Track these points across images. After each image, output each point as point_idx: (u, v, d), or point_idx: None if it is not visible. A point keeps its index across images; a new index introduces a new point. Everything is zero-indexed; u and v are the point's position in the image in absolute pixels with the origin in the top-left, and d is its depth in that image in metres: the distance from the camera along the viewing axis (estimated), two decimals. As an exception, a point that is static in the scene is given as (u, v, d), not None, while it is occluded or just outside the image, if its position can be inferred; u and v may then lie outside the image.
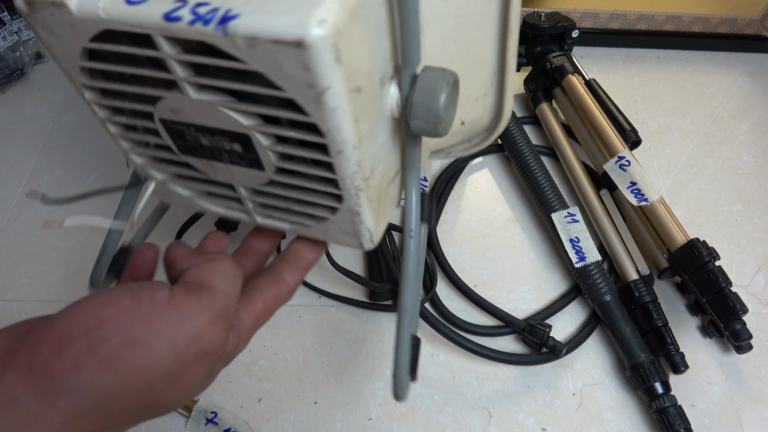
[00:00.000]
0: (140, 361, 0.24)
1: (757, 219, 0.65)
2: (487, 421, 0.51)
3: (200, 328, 0.25)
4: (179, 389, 0.26)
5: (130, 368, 0.24)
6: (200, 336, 0.25)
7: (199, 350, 0.25)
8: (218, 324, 0.26)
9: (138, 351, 0.24)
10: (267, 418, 0.51)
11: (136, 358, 0.24)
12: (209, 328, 0.26)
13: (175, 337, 0.25)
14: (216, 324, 0.26)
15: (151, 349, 0.24)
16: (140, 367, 0.24)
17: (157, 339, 0.24)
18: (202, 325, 0.25)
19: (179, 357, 0.25)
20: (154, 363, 0.24)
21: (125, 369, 0.23)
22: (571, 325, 0.57)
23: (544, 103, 0.70)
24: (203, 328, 0.25)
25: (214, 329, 0.26)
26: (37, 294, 0.57)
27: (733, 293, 0.51)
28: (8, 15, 0.76)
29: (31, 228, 0.62)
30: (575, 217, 0.58)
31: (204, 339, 0.26)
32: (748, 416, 0.52)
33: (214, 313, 0.26)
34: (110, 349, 0.23)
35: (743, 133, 0.74)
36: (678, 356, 0.51)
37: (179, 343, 0.25)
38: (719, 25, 0.81)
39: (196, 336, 0.25)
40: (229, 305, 0.28)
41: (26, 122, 0.72)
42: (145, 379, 0.24)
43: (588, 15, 0.80)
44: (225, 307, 0.27)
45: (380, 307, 0.56)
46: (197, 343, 0.25)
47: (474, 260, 0.61)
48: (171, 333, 0.24)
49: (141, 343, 0.24)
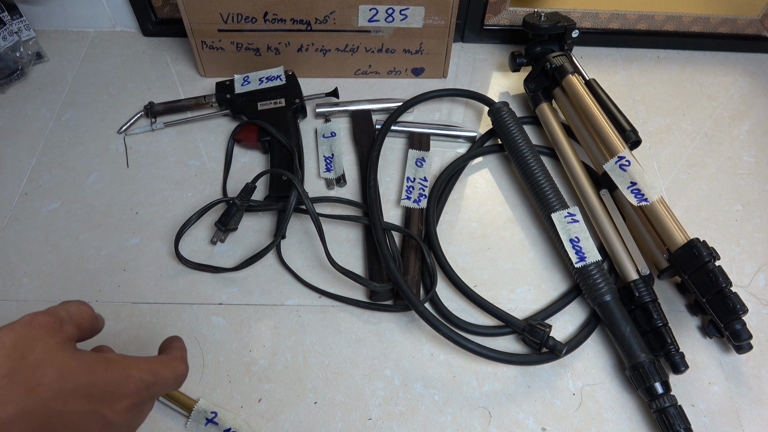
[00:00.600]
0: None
1: (757, 219, 0.65)
2: (487, 421, 0.51)
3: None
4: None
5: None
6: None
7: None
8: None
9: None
10: (267, 418, 0.51)
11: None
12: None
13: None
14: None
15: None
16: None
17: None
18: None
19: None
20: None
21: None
22: (571, 325, 0.57)
23: (544, 103, 0.70)
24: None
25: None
26: (37, 294, 0.57)
27: (733, 293, 0.51)
28: (8, 15, 0.76)
29: (31, 228, 0.62)
30: (575, 217, 0.58)
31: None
32: (748, 416, 0.52)
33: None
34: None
35: (743, 133, 0.74)
36: (678, 356, 0.51)
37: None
38: (719, 25, 0.81)
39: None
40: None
41: (26, 122, 0.72)
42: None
43: (588, 15, 0.80)
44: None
45: (380, 307, 0.56)
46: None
47: (474, 260, 0.61)
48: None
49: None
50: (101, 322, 0.34)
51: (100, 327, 0.34)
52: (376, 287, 0.54)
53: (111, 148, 0.69)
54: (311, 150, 0.70)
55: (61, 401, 0.27)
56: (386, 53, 0.75)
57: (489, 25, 0.81)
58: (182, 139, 0.70)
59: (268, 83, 0.70)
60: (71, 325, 0.31)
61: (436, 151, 0.70)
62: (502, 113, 0.66)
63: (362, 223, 0.62)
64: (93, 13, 0.81)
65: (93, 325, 0.33)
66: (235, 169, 0.68)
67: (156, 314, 0.56)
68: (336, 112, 0.73)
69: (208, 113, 0.72)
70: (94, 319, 0.33)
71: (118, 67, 0.79)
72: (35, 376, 0.27)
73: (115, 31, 0.83)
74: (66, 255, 0.60)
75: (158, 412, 0.51)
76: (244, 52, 0.74)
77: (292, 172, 0.63)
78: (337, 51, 0.74)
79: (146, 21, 0.81)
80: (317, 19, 0.70)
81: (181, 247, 0.60)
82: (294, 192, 0.59)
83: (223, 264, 0.59)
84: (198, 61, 0.76)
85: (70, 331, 0.30)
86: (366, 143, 0.69)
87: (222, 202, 0.62)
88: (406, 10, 0.69)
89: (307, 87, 0.75)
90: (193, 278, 0.59)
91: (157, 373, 0.33)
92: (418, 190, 0.64)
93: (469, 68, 0.80)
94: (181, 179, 0.66)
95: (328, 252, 0.56)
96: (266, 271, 0.59)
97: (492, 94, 0.77)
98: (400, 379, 0.53)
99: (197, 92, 0.75)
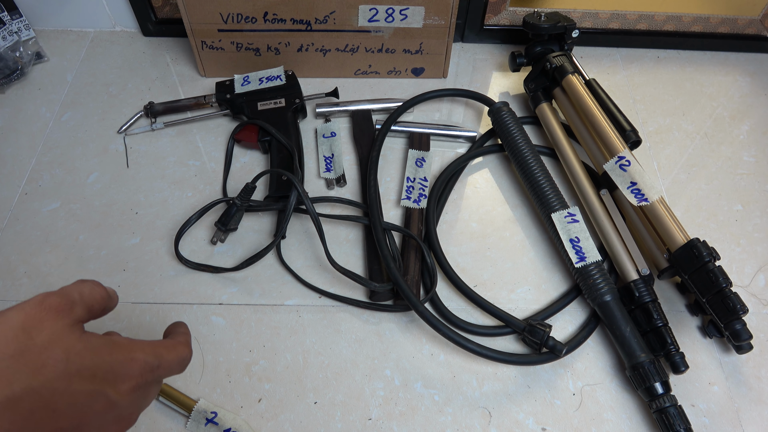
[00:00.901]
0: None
1: (757, 219, 0.65)
2: (487, 421, 0.51)
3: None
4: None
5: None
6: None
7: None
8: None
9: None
10: (267, 418, 0.51)
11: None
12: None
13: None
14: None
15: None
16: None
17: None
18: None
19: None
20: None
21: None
22: (571, 325, 0.57)
23: (544, 103, 0.70)
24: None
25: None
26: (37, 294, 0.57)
27: (733, 293, 0.51)
28: (8, 15, 0.76)
29: (31, 228, 0.62)
30: (575, 217, 0.58)
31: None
32: (748, 416, 0.52)
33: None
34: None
35: (743, 133, 0.74)
36: (678, 356, 0.51)
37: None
38: (719, 25, 0.81)
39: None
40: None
41: (26, 122, 0.72)
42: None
43: (588, 15, 0.80)
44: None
45: (380, 307, 0.56)
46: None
47: (474, 260, 0.61)
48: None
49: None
50: (114, 301, 0.35)
51: (112, 306, 0.35)
52: (376, 287, 0.54)
53: (111, 148, 0.69)
54: (311, 150, 0.70)
55: (65, 381, 0.28)
56: (386, 53, 0.75)
57: (489, 25, 0.81)
58: (182, 139, 0.70)
59: (268, 83, 0.70)
60: (82, 306, 0.31)
61: (436, 151, 0.70)
62: (502, 113, 0.66)
63: (362, 223, 0.62)
64: (93, 13, 0.81)
65: (105, 305, 0.34)
66: (235, 169, 0.68)
67: (156, 314, 0.56)
68: (336, 112, 0.73)
69: (208, 113, 0.72)
70: (106, 299, 0.34)
71: (118, 67, 0.79)
72: (42, 357, 0.28)
73: (115, 31, 0.83)
74: (66, 255, 0.60)
75: (158, 413, 0.51)
76: (244, 52, 0.74)
77: (292, 172, 0.63)
78: (337, 51, 0.74)
79: (146, 21, 0.81)
80: (317, 19, 0.70)
81: (181, 247, 0.60)
82: (294, 192, 0.59)
83: (223, 264, 0.59)
84: (198, 61, 0.76)
85: (79, 313, 0.31)
86: (366, 143, 0.69)
87: (222, 202, 0.62)
88: (406, 10, 0.69)
89: (307, 87, 0.75)
90: (193, 278, 0.59)
91: (161, 356, 0.33)
92: (418, 190, 0.64)
93: (469, 68, 0.80)
94: (181, 179, 0.66)
95: (328, 252, 0.56)
96: (266, 271, 0.59)
97: (492, 94, 0.77)
98: (400, 379, 0.53)
99: (197, 92, 0.75)
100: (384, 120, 0.70)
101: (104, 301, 0.33)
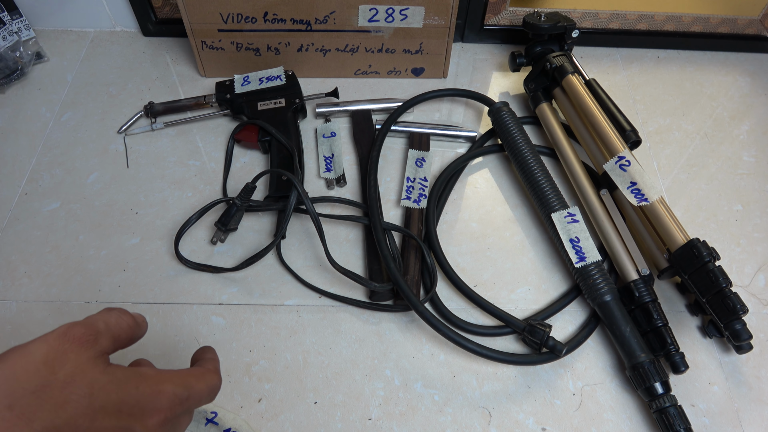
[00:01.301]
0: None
1: (757, 219, 0.65)
2: (487, 421, 0.51)
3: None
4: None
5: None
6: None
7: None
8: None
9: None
10: (267, 418, 0.51)
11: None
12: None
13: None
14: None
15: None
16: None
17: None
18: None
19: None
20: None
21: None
22: (571, 325, 0.57)
23: (544, 103, 0.70)
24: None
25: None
26: (37, 294, 0.57)
27: (733, 293, 0.50)
28: (8, 15, 0.76)
29: (31, 228, 0.62)
30: (575, 217, 0.58)
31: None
32: (748, 416, 0.52)
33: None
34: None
35: (743, 133, 0.74)
36: (678, 356, 0.51)
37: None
38: (719, 25, 0.81)
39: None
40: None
41: (26, 122, 0.72)
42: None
43: (588, 15, 0.80)
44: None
45: (380, 307, 0.56)
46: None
47: (474, 260, 0.61)
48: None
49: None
50: (143, 329, 0.34)
51: (140, 335, 0.33)
52: (376, 287, 0.54)
53: (111, 148, 0.69)
54: (311, 150, 0.70)
55: (89, 418, 0.27)
56: (386, 53, 0.75)
57: (489, 25, 0.81)
58: (182, 139, 0.70)
59: (268, 83, 0.70)
60: (107, 337, 0.30)
61: (436, 151, 0.70)
62: (502, 113, 0.66)
63: (362, 223, 0.62)
64: (93, 13, 0.81)
65: (132, 334, 0.32)
66: (235, 169, 0.68)
67: (156, 314, 0.56)
68: (336, 112, 0.73)
69: (208, 113, 0.72)
70: (133, 327, 0.32)
71: (118, 67, 0.79)
72: (64, 393, 0.27)
73: (115, 31, 0.83)
74: (66, 255, 0.60)
75: (158, 412, 0.51)
76: (244, 52, 0.74)
77: (292, 172, 0.63)
78: (337, 51, 0.74)
79: (146, 21, 0.81)
80: (317, 19, 0.70)
81: (181, 247, 0.60)
82: (294, 192, 0.59)
83: (223, 264, 0.59)
84: (198, 61, 0.76)
85: (104, 345, 0.30)
86: (366, 143, 0.69)
87: (222, 202, 0.62)
88: (406, 10, 0.69)
89: (307, 87, 0.75)
90: (193, 278, 0.59)
91: (191, 387, 0.32)
92: (418, 190, 0.64)
93: (469, 68, 0.80)
94: (181, 179, 0.66)
95: (328, 252, 0.56)
96: (266, 271, 0.59)
97: (492, 94, 0.77)
98: (400, 379, 0.53)
99: (197, 92, 0.75)
100: (384, 120, 0.70)
101: (131, 330, 0.32)
